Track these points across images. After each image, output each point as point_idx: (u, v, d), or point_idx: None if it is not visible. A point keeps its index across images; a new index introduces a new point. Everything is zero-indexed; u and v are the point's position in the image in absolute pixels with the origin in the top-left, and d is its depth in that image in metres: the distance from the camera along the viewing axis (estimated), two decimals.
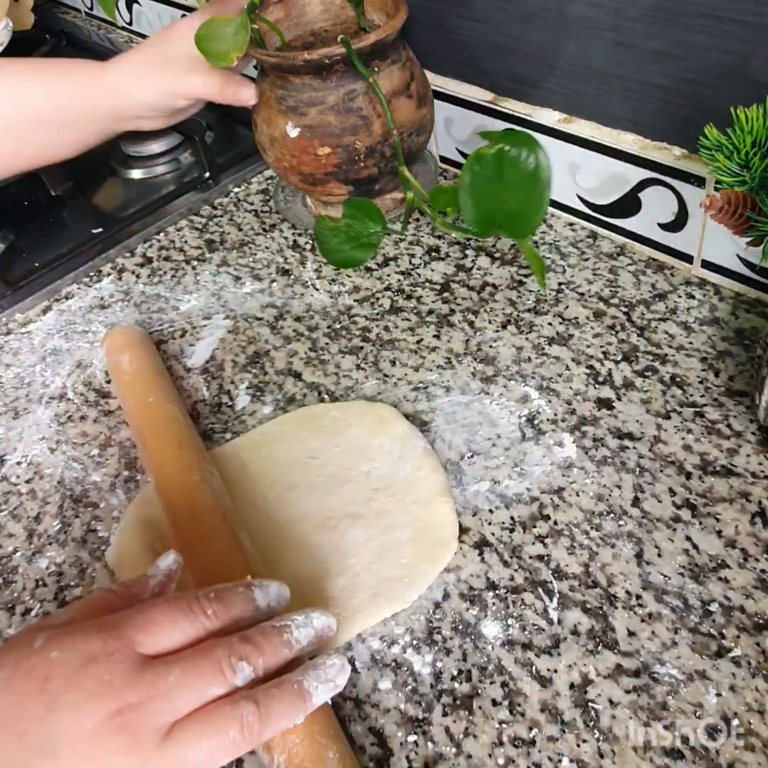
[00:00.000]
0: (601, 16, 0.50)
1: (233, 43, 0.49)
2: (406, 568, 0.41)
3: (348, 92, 0.54)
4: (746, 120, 0.37)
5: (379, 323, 0.56)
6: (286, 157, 0.57)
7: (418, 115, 0.58)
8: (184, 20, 0.56)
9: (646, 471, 0.44)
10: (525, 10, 0.54)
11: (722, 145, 0.38)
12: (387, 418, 0.48)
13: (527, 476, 0.44)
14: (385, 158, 0.57)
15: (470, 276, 0.58)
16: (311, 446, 0.48)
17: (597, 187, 0.57)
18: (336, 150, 0.56)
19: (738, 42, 0.44)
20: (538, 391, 0.49)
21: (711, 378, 0.48)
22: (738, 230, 0.40)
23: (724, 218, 0.40)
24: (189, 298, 0.61)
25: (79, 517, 0.47)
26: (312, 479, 0.46)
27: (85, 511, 0.47)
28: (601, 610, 0.38)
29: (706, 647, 0.36)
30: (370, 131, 0.55)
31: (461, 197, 0.46)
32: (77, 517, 0.47)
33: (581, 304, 0.54)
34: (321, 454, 0.47)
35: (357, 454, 0.47)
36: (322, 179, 0.58)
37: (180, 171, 0.75)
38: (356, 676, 0.37)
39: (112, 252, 0.66)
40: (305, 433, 0.49)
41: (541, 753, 0.34)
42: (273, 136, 0.57)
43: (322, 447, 0.47)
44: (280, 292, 0.60)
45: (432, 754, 0.35)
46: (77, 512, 0.47)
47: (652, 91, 0.50)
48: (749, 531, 0.40)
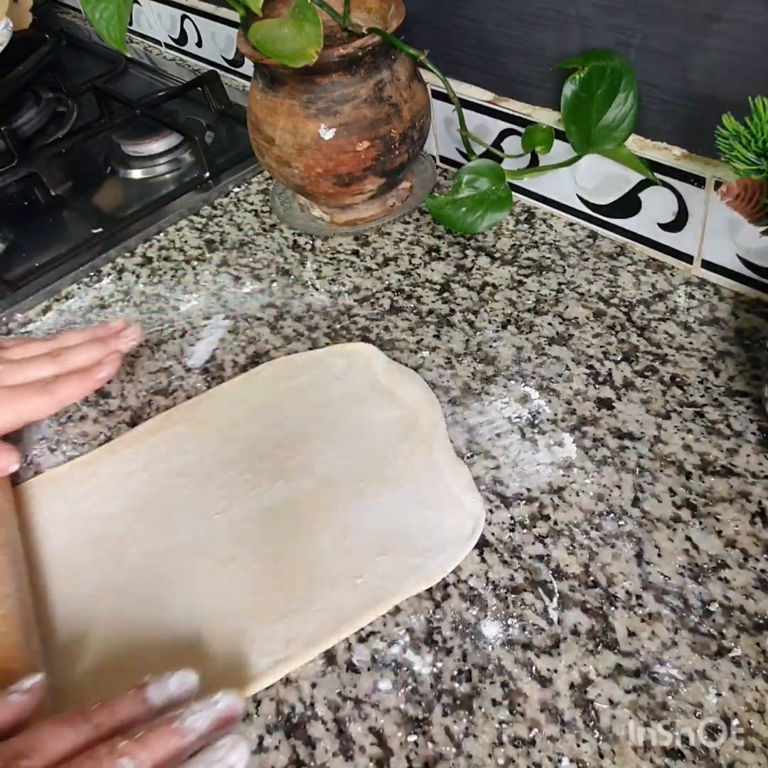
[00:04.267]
0: (601, 16, 0.50)
1: (306, 39, 0.47)
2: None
3: (377, 82, 0.55)
4: (764, 109, 0.37)
5: (379, 323, 0.56)
6: (320, 162, 0.57)
7: (426, 97, 0.60)
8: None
9: (646, 471, 0.44)
10: (525, 10, 0.54)
11: (740, 134, 0.38)
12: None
13: (527, 476, 0.44)
14: (414, 142, 0.59)
15: (470, 276, 0.58)
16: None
17: (597, 187, 0.57)
18: (375, 142, 0.56)
19: (738, 42, 0.44)
20: (538, 391, 0.49)
21: (711, 378, 0.48)
22: (753, 218, 0.41)
23: (740, 206, 0.40)
24: (189, 298, 0.61)
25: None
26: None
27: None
28: (601, 610, 0.38)
29: (706, 647, 0.36)
30: (401, 117, 0.57)
31: (567, 126, 0.52)
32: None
33: (581, 304, 0.54)
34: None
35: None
36: (360, 176, 0.58)
37: (180, 171, 0.75)
38: (356, 676, 0.37)
39: (112, 252, 0.66)
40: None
41: (541, 753, 0.34)
42: (303, 144, 0.56)
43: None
44: (280, 292, 0.60)
45: (432, 754, 0.35)
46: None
47: (652, 91, 0.50)
48: (749, 531, 0.40)
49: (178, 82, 0.88)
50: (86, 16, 0.48)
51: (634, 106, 0.50)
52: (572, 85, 0.51)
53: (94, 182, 0.75)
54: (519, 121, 0.59)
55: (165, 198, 0.70)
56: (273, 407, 0.50)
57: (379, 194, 0.62)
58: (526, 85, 0.58)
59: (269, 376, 0.52)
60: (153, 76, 0.93)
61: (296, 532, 0.43)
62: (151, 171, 0.75)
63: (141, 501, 0.46)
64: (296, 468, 0.46)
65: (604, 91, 0.50)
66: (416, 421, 0.47)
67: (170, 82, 0.90)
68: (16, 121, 0.81)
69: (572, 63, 0.51)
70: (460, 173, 0.57)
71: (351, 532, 0.42)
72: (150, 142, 0.75)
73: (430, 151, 0.70)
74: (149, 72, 0.94)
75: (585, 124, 0.51)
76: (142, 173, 0.75)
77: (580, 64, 0.50)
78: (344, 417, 0.48)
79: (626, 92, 0.50)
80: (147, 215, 0.68)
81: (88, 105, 0.86)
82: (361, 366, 0.51)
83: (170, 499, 0.46)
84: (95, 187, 0.75)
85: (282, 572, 0.41)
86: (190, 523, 0.44)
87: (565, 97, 0.51)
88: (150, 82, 0.92)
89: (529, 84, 0.57)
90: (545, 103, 0.57)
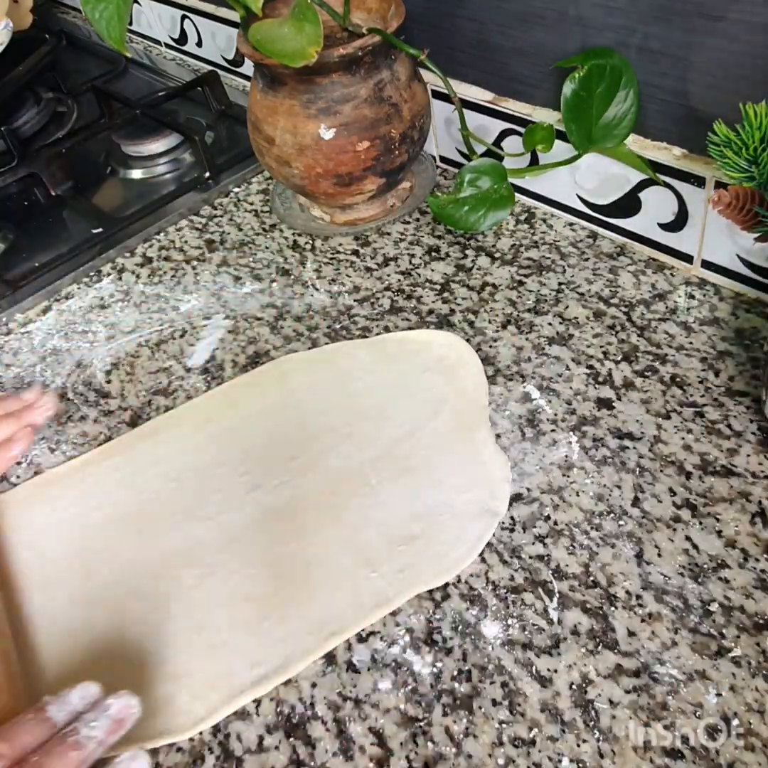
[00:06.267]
0: (601, 16, 0.50)
1: (306, 39, 0.47)
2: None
3: (377, 82, 0.55)
4: (755, 116, 0.37)
5: (379, 323, 0.56)
6: (320, 162, 0.57)
7: (426, 97, 0.60)
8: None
9: (646, 471, 0.44)
10: (525, 10, 0.54)
11: (731, 141, 0.38)
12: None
13: (527, 476, 0.44)
14: (414, 142, 0.59)
15: (470, 276, 0.58)
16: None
17: (597, 187, 0.57)
18: (374, 142, 0.57)
19: (738, 42, 0.44)
20: (538, 391, 0.49)
21: (711, 378, 0.48)
22: (746, 226, 0.40)
23: (731, 214, 0.40)
24: (189, 298, 0.61)
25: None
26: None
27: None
28: (601, 610, 0.38)
29: (706, 647, 0.36)
30: (401, 117, 0.57)
31: (567, 125, 0.52)
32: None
33: (581, 304, 0.54)
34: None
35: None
36: (359, 176, 0.58)
37: (180, 171, 0.75)
38: (356, 676, 0.37)
39: (112, 252, 0.66)
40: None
41: (541, 753, 0.34)
42: (303, 144, 0.56)
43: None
44: (280, 292, 0.60)
45: (432, 754, 0.35)
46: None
47: (652, 91, 0.50)
48: (749, 531, 0.40)
49: (178, 82, 0.88)
50: (86, 16, 0.48)
51: (635, 104, 0.50)
52: (572, 83, 0.51)
53: (94, 182, 0.75)
54: (519, 121, 0.59)
55: (165, 198, 0.70)
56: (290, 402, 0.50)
57: (379, 194, 0.62)
58: (526, 85, 0.58)
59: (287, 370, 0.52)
60: (153, 76, 0.93)
61: (297, 534, 0.43)
62: (151, 171, 0.75)
63: (126, 510, 0.45)
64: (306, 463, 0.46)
65: (604, 89, 0.50)
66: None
67: (170, 82, 0.90)
68: (16, 121, 0.81)
69: (572, 62, 0.51)
70: (462, 172, 0.57)
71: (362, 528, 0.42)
72: (150, 142, 0.75)
73: (430, 151, 0.70)
74: (149, 72, 0.94)
75: (585, 123, 0.52)
76: (142, 173, 0.75)
77: (580, 62, 0.50)
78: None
79: (626, 90, 0.50)
80: (147, 215, 0.68)
81: (88, 105, 0.86)
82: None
83: (158, 506, 0.45)
84: (95, 187, 0.75)
85: (279, 576, 0.41)
86: (176, 530, 0.44)
87: (565, 96, 0.51)
88: (150, 82, 0.92)
89: (529, 84, 0.57)
90: (545, 103, 0.57)
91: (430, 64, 0.55)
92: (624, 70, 0.49)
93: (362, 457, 0.45)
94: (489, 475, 0.44)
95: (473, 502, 0.42)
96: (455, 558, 0.40)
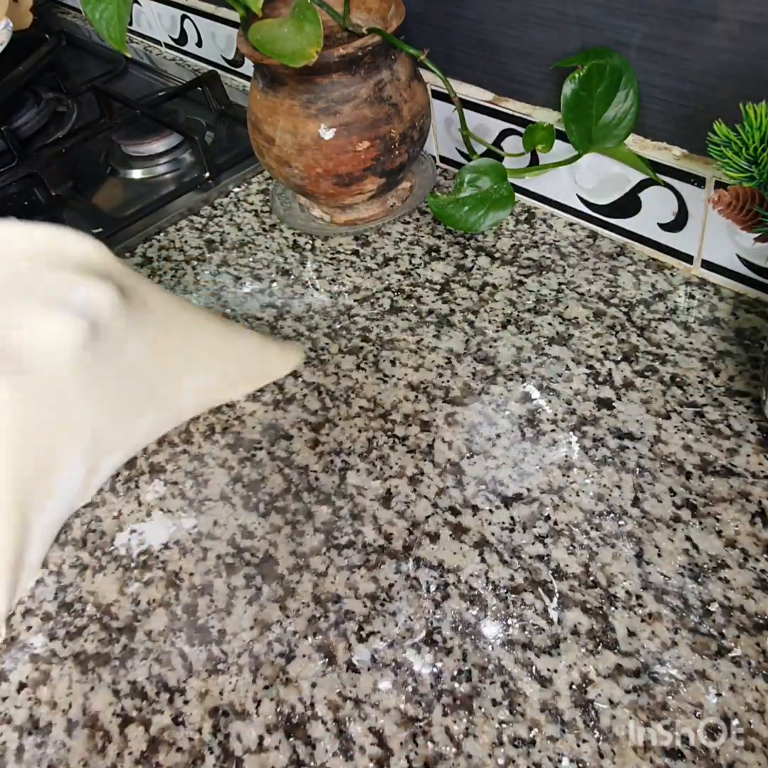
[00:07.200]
0: (600, 16, 0.50)
1: (306, 39, 0.47)
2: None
3: (377, 82, 0.55)
4: (755, 116, 0.37)
5: (379, 323, 0.56)
6: (320, 162, 0.57)
7: (426, 97, 0.60)
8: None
9: (646, 471, 0.44)
10: (525, 10, 0.54)
11: (731, 141, 0.38)
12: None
13: (527, 476, 0.44)
14: (414, 142, 0.59)
15: (470, 276, 0.58)
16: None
17: (597, 187, 0.57)
18: (375, 142, 0.57)
19: (738, 42, 0.44)
20: (538, 391, 0.49)
21: (711, 378, 0.48)
22: (746, 226, 0.40)
23: (731, 214, 0.40)
24: (189, 298, 0.61)
25: (79, 517, 0.47)
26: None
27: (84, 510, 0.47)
28: (601, 610, 0.38)
29: (706, 647, 0.36)
30: (401, 117, 0.57)
31: (567, 125, 0.52)
32: (77, 517, 0.47)
33: (581, 304, 0.54)
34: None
35: None
36: (359, 176, 0.58)
37: (180, 171, 0.75)
38: (356, 676, 0.37)
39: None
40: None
41: (541, 753, 0.34)
42: (303, 144, 0.56)
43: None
44: (280, 292, 0.60)
45: (432, 754, 0.35)
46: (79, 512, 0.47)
47: (652, 91, 0.50)
48: (749, 531, 0.40)
49: (178, 82, 0.88)
50: (86, 16, 0.48)
51: (635, 104, 0.50)
52: (572, 83, 0.51)
53: (94, 182, 0.75)
54: (519, 121, 0.59)
55: (165, 198, 0.70)
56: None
57: (379, 194, 0.62)
58: (526, 85, 0.58)
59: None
60: (153, 76, 0.93)
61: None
62: (151, 171, 0.75)
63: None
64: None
65: (604, 89, 0.50)
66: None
67: (170, 82, 0.90)
68: (16, 121, 0.81)
69: (572, 62, 0.51)
70: (462, 172, 0.57)
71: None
72: (150, 142, 0.75)
73: (430, 151, 0.70)
74: (149, 72, 0.94)
75: (585, 123, 0.52)
76: (142, 173, 0.75)
77: (580, 62, 0.50)
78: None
79: (626, 89, 0.50)
80: (147, 215, 0.68)
81: (88, 105, 0.86)
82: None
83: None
84: (95, 187, 0.75)
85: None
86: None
87: (564, 96, 0.51)
88: (150, 82, 0.92)
89: (529, 84, 0.57)
90: (545, 103, 0.57)
91: (430, 64, 0.55)
92: (624, 70, 0.49)
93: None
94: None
95: None
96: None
